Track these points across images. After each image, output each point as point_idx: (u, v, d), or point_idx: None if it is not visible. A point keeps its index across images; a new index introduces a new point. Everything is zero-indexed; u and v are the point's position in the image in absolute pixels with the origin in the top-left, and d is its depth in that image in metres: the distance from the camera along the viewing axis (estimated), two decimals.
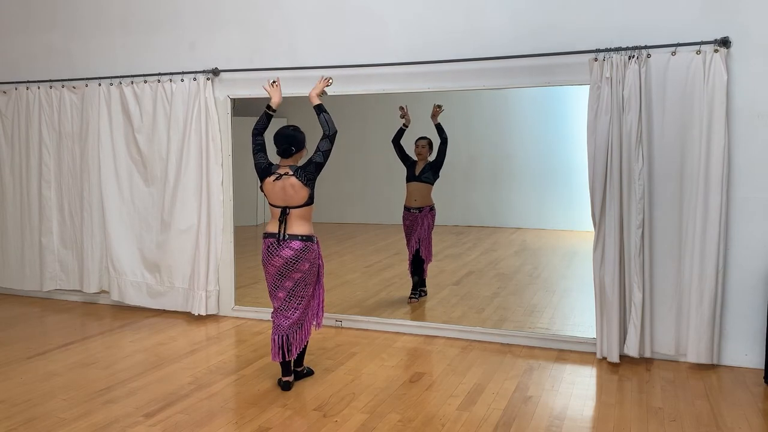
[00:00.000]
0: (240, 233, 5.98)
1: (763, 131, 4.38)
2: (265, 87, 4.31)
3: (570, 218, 6.96)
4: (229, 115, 5.79)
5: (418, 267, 6.12)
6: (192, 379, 4.38)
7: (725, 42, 4.33)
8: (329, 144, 4.05)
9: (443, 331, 5.26)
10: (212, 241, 5.81)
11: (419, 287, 6.16)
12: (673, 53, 4.43)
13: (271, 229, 4.10)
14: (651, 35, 4.49)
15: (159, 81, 5.90)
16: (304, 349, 4.28)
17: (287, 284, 4.08)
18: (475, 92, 5.57)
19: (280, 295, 4.11)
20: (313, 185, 4.07)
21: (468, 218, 7.57)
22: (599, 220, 4.66)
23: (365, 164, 7.49)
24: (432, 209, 6.07)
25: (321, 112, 4.11)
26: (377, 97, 5.56)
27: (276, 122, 4.27)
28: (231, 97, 5.77)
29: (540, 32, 4.80)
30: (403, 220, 6.14)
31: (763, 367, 4.33)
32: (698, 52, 4.38)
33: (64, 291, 6.51)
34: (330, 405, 3.93)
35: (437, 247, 6.41)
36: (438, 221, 6.15)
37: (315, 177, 4.05)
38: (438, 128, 5.93)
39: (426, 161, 6.03)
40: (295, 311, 4.11)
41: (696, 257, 4.45)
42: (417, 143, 6.05)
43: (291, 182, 4.02)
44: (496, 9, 4.94)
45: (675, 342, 4.59)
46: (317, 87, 4.21)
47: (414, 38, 5.17)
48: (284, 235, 4.04)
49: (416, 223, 6.04)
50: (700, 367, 4.51)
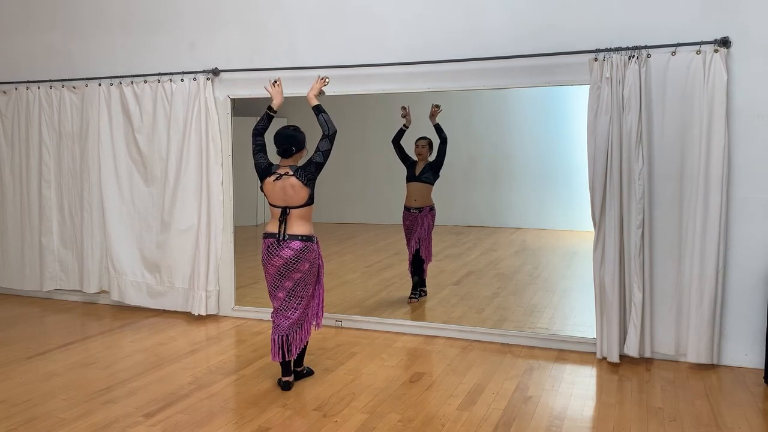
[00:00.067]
0: (240, 233, 5.98)
1: (763, 131, 4.38)
2: (267, 88, 4.31)
3: (570, 218, 6.96)
4: (229, 115, 5.80)
5: (418, 267, 6.12)
6: (192, 379, 4.38)
7: (725, 42, 4.33)
8: (329, 144, 4.05)
9: (443, 331, 5.26)
10: (212, 241, 5.81)
11: (419, 287, 6.16)
12: (673, 53, 4.43)
13: (271, 229, 4.10)
14: (651, 35, 4.49)
15: (159, 81, 5.90)
16: (304, 349, 4.28)
17: (287, 284, 4.08)
18: (475, 92, 5.57)
19: (280, 295, 4.11)
20: (314, 185, 4.07)
21: (468, 218, 7.57)
22: (599, 220, 4.66)
23: (365, 164, 7.49)
24: (432, 209, 6.07)
25: (320, 113, 4.11)
26: (377, 97, 5.56)
27: (276, 122, 4.27)
28: (231, 97, 5.77)
29: (540, 32, 4.80)
30: (403, 220, 6.14)
31: (763, 367, 4.33)
32: (698, 52, 4.38)
33: (64, 291, 6.52)
34: (330, 405, 3.93)
35: (437, 247, 6.41)
36: (438, 221, 6.15)
37: (315, 177, 4.05)
38: (437, 128, 5.92)
39: (426, 161, 6.03)
40: (295, 311, 4.11)
41: (696, 257, 4.45)
42: (417, 143, 6.05)
43: (291, 182, 4.02)
44: (496, 9, 4.94)
45: (675, 342, 4.59)
46: (314, 88, 4.21)
47: (414, 38, 5.17)
48: (284, 235, 4.04)
49: (416, 223, 6.04)
50: (700, 367, 4.51)
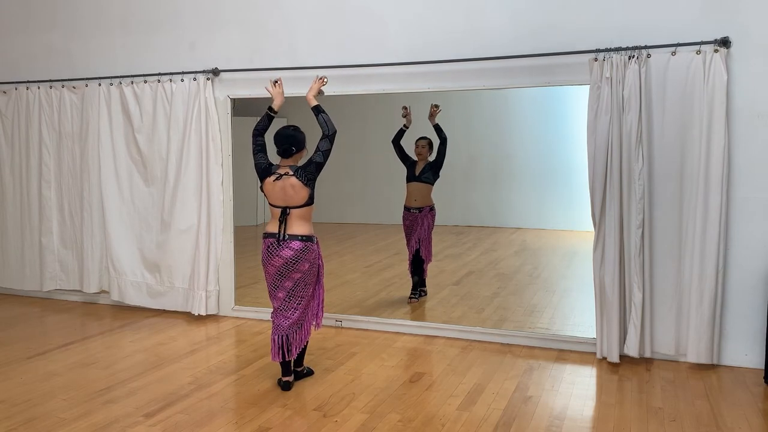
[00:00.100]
0: (240, 233, 5.98)
1: (763, 131, 4.38)
2: (268, 88, 4.31)
3: (570, 218, 6.96)
4: (229, 115, 5.79)
5: (418, 267, 6.12)
6: (192, 379, 4.38)
7: (725, 42, 4.33)
8: (329, 144, 4.05)
9: (443, 331, 5.26)
10: (212, 241, 5.81)
11: (419, 287, 6.16)
12: (673, 53, 4.43)
13: (271, 229, 4.10)
14: (651, 35, 4.49)
15: (159, 81, 5.90)
16: (304, 349, 4.28)
17: (287, 284, 4.08)
18: (475, 92, 5.57)
19: (280, 295, 4.11)
20: (314, 185, 4.07)
21: (468, 218, 7.57)
22: (599, 220, 4.65)
23: (365, 164, 7.49)
24: (432, 209, 6.07)
25: (319, 113, 4.10)
26: (377, 97, 5.56)
27: (276, 122, 4.26)
28: (231, 97, 5.77)
29: (540, 32, 4.80)
30: (403, 220, 6.14)
31: (763, 367, 4.33)
32: (698, 52, 4.38)
33: (64, 291, 6.51)
34: (330, 405, 3.93)
35: (437, 247, 6.41)
36: (438, 221, 6.15)
37: (315, 177, 4.05)
38: (436, 128, 5.92)
39: (426, 161, 6.03)
40: (295, 311, 4.11)
41: (696, 257, 4.45)
42: (417, 143, 6.05)
43: (291, 182, 4.02)
44: (496, 9, 4.94)
45: (675, 342, 4.59)
46: (313, 88, 4.21)
47: (414, 38, 5.17)
48: (284, 236, 4.04)
49: (416, 223, 6.04)
50: (700, 367, 4.51)
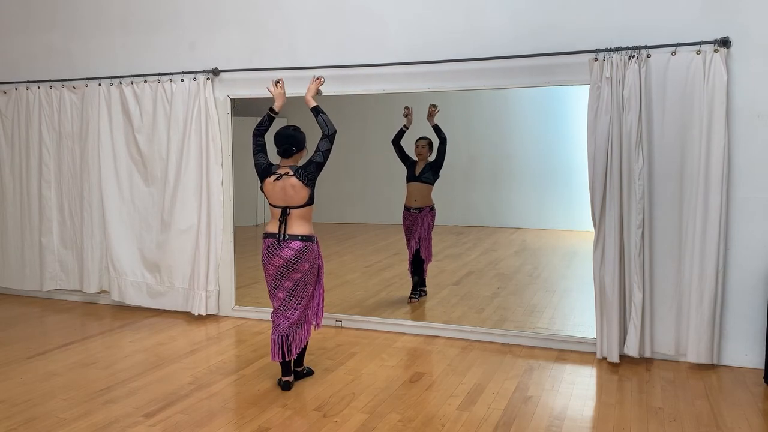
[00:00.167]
0: (240, 233, 5.98)
1: (763, 131, 4.38)
2: (269, 88, 4.30)
3: (570, 218, 6.96)
4: (229, 115, 5.79)
5: (418, 267, 6.12)
6: (192, 379, 4.38)
7: (725, 42, 4.33)
8: (329, 144, 4.05)
9: (443, 331, 5.26)
10: (212, 241, 5.81)
11: (419, 287, 6.15)
12: (673, 53, 4.43)
13: (271, 229, 4.10)
14: (651, 35, 4.48)
15: (159, 81, 5.90)
16: (304, 349, 4.28)
17: (287, 284, 4.08)
18: (475, 92, 5.57)
19: (280, 295, 4.11)
20: (314, 185, 4.07)
21: (468, 218, 7.57)
22: (599, 220, 4.65)
23: (365, 164, 7.49)
24: (432, 209, 6.07)
25: (318, 114, 4.10)
26: (377, 97, 5.56)
27: (276, 122, 4.26)
28: (231, 97, 5.77)
29: (540, 32, 4.80)
30: (403, 220, 6.14)
31: (763, 367, 4.33)
32: (698, 52, 4.38)
33: (64, 291, 6.51)
34: (330, 405, 3.93)
35: (437, 247, 6.41)
36: (438, 221, 6.15)
37: (315, 177, 4.05)
38: (435, 129, 5.92)
39: (426, 161, 6.03)
40: (295, 311, 4.11)
41: (696, 257, 4.45)
42: (417, 143, 6.05)
43: (291, 182, 4.02)
44: (496, 9, 4.94)
45: (675, 342, 4.59)
46: (310, 89, 4.20)
47: (414, 38, 5.17)
48: (284, 236, 4.04)
49: (416, 223, 6.04)
50: (700, 367, 4.51)
